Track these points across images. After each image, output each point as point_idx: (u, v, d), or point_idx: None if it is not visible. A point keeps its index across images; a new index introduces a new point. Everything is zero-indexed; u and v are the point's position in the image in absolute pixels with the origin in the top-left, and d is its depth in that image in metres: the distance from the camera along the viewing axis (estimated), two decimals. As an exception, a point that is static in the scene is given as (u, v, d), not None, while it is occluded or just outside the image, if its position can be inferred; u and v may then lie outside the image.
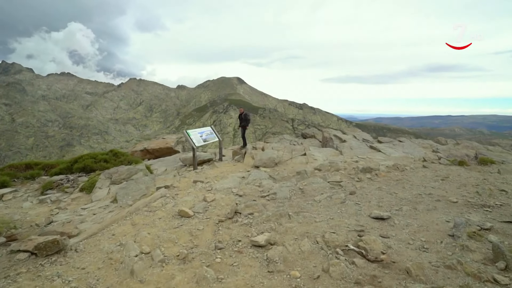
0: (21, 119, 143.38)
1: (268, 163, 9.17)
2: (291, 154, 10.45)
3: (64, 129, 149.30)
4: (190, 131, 9.52)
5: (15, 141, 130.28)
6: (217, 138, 10.92)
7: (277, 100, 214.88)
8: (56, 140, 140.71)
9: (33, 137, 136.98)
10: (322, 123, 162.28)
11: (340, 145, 10.66)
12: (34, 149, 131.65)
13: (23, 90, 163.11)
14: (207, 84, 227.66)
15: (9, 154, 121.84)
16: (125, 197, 5.08)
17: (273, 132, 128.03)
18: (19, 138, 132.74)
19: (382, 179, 6.05)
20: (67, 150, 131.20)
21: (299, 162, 9.55)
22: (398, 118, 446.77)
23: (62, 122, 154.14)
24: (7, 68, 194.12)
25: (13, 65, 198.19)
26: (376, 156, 9.07)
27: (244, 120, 11.73)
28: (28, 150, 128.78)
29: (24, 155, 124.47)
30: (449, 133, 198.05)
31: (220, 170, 9.02)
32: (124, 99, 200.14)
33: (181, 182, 6.77)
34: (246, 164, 10.04)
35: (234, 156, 11.41)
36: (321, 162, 9.04)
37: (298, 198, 5.09)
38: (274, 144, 15.53)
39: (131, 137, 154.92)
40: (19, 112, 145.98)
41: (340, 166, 7.30)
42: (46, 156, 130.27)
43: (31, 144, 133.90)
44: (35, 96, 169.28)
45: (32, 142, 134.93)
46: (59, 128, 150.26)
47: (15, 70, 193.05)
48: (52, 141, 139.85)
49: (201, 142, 9.61)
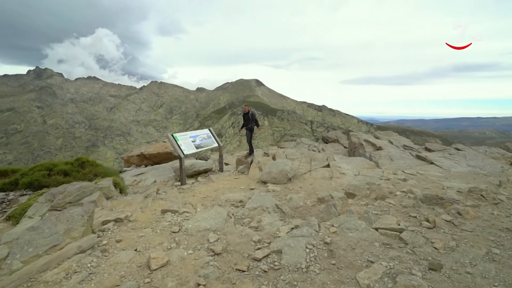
0: (51, 120, 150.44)
1: (278, 178, 6.86)
2: (310, 165, 8.06)
3: (89, 130, 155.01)
4: (178, 134, 7.43)
5: (46, 142, 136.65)
6: (216, 143, 8.76)
7: (296, 102, 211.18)
8: (82, 141, 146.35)
9: (62, 138, 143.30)
10: (341, 125, 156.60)
11: (375, 154, 8.11)
12: (62, 149, 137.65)
13: (53, 94, 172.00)
14: (226, 86, 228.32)
15: (41, 153, 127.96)
16: (20, 250, 2.98)
17: (291, 134, 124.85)
18: (49, 138, 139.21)
19: (475, 224, 3.49)
20: (92, 151, 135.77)
21: (320, 177, 7.15)
22: (422, 120, 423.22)
23: (88, 123, 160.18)
24: (40, 73, 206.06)
25: (46, 70, 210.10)
26: (429, 171, 6.49)
27: (250, 120, 9.45)
28: (57, 150, 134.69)
29: (54, 154, 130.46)
30: (479, 136, 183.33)
31: (214, 187, 6.83)
32: (146, 101, 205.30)
33: (145, 211, 4.64)
34: (250, 178, 7.79)
35: (237, 166, 9.21)
36: (352, 179, 6.58)
37: (324, 272, 2.67)
38: (289, 149, 13.16)
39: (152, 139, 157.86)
40: (50, 114, 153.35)
41: (383, 189, 4.84)
42: (72, 156, 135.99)
43: (60, 145, 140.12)
44: (64, 99, 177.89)
45: (61, 143, 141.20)
46: (85, 129, 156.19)
47: (47, 75, 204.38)
48: (79, 142, 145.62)
49: (192, 149, 7.48)
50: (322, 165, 7.97)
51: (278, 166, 7.25)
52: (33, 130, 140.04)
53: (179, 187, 6.97)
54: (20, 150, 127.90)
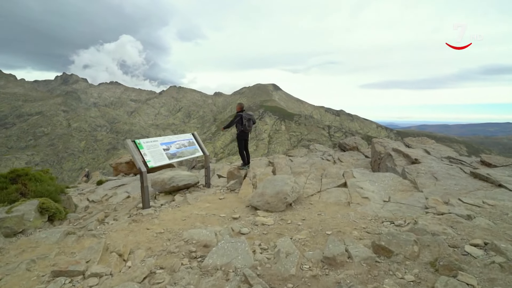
0: (75, 124, 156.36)
1: (273, 203, 4.89)
2: (319, 183, 5.99)
3: (110, 133, 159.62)
4: (144, 140, 5.65)
5: (70, 144, 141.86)
6: (201, 151, 6.91)
7: (313, 106, 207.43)
8: (104, 143, 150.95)
9: (85, 141, 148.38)
10: (360, 130, 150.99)
11: (411, 169, 5.91)
12: (85, 151, 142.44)
13: (78, 98, 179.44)
14: (243, 91, 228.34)
15: (65, 155, 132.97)
16: None
17: (308, 139, 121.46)
18: (73, 141, 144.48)
19: None
20: (112, 153, 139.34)
21: (334, 202, 5.09)
22: (445, 126, 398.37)
23: (109, 127, 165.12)
24: (67, 78, 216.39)
25: (72, 76, 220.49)
26: (502, 199, 4.25)
27: (244, 121, 6.85)
28: (80, 153, 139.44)
29: (77, 156, 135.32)
30: (507, 142, 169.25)
31: (185, 213, 4.98)
32: (165, 105, 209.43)
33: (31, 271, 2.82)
34: (239, 199, 5.86)
35: (228, 181, 7.30)
36: (380, 208, 4.47)
37: None
38: (298, 158, 11.08)
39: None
40: (74, 117, 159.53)
41: (443, 244, 2.73)
42: (94, 158, 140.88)
43: (83, 147, 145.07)
44: (88, 103, 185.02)
45: (83, 145, 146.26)
46: (107, 132, 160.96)
47: (73, 80, 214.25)
48: (100, 145, 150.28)
49: (163, 160, 5.66)
50: (337, 183, 5.88)
51: (275, 185, 5.27)
52: (58, 133, 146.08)
53: (139, 211, 5.16)
54: (47, 152, 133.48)
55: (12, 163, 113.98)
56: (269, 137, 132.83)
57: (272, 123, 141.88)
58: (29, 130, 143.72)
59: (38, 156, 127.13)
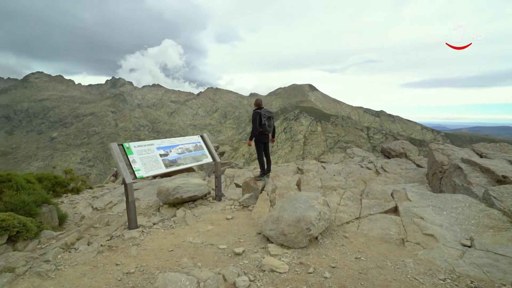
0: (121, 124, 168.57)
1: (291, 235, 3.52)
2: (359, 206, 4.42)
3: (152, 133, 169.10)
4: (135, 144, 4.62)
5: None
6: (210, 157, 5.75)
7: (351, 107, 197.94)
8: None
9: (129, 140, 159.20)
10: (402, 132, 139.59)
11: (499, 192, 4.06)
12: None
13: (124, 100, 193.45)
14: (279, 91, 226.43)
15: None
16: None
17: (345, 141, 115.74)
18: (119, 140, 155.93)
19: None
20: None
21: (379, 238, 3.54)
22: (505, 128, 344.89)
23: (151, 127, 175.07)
24: (115, 82, 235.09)
25: (119, 79, 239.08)
26: None
27: (263, 120, 5.52)
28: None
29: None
30: None
31: (176, 241, 3.83)
32: (202, 106, 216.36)
33: None
34: (250, 220, 4.57)
35: (243, 193, 6.03)
36: (459, 259, 2.82)
37: None
38: (332, 165, 9.44)
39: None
40: (121, 118, 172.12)
41: None
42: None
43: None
44: (133, 105, 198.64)
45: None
46: (149, 132, 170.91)
47: (120, 83, 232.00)
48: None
49: (158, 168, 4.59)
50: (383, 207, 4.27)
51: (297, 207, 3.87)
52: (107, 132, 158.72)
53: (124, 232, 4.13)
54: (98, 149, 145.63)
55: (70, 158, 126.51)
56: (304, 138, 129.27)
57: (307, 124, 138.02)
58: (83, 129, 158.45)
59: (90, 153, 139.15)
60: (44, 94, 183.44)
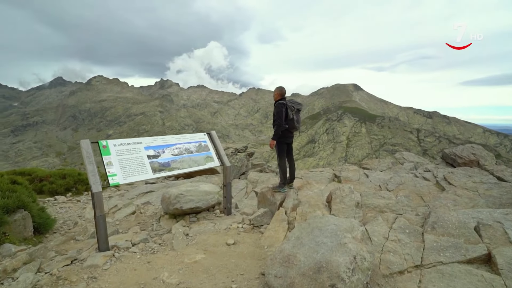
0: (168, 123, 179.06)
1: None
2: (420, 245, 2.86)
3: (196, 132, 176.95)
4: (116, 142, 3.68)
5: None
6: (218, 160, 4.62)
7: (399, 107, 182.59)
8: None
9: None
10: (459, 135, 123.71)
11: None
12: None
13: (171, 101, 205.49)
14: (321, 91, 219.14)
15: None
16: None
17: (392, 144, 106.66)
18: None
19: None
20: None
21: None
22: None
23: (195, 126, 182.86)
24: (163, 84, 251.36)
25: (167, 81, 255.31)
26: None
27: (290, 114, 4.54)
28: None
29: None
30: None
31: (149, 276, 2.74)
32: (244, 107, 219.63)
33: None
34: (257, 248, 3.32)
35: (258, 206, 4.79)
36: None
37: None
38: (377, 173, 7.71)
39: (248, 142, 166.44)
40: (168, 117, 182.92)
41: None
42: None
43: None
44: (179, 105, 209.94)
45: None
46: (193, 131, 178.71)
47: (168, 85, 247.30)
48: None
49: (144, 173, 3.59)
50: (463, 253, 2.67)
51: (318, 244, 2.53)
52: (155, 130, 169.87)
53: (91, 255, 3.20)
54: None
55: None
56: (347, 140, 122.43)
57: (351, 125, 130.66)
58: (135, 127, 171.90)
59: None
60: (103, 95, 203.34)
